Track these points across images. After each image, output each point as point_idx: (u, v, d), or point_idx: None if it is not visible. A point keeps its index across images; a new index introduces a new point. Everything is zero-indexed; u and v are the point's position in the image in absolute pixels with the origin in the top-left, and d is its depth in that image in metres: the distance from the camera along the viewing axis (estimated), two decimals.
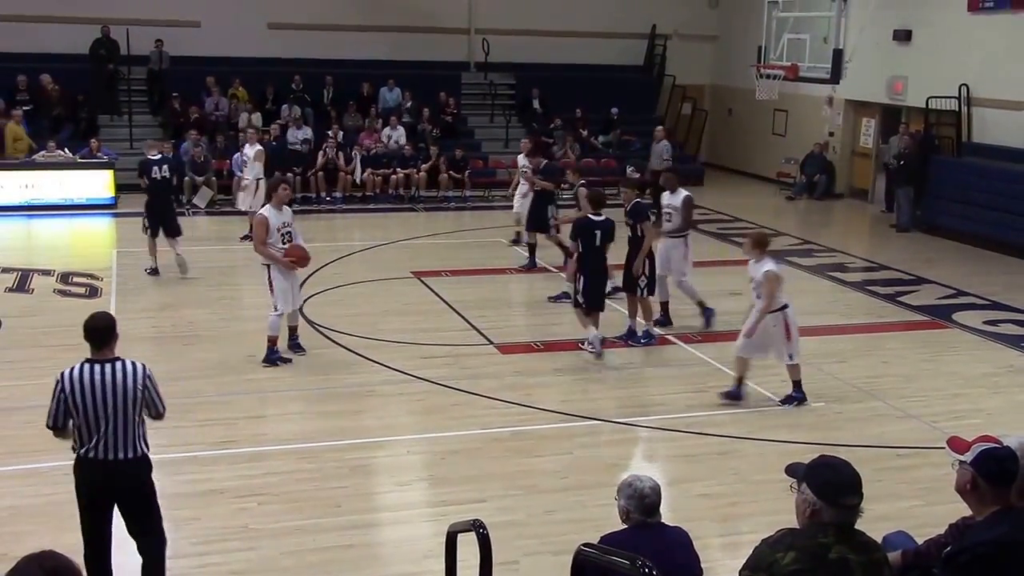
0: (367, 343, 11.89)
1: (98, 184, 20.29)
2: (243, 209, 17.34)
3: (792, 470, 4.10)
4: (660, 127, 22.04)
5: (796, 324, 10.28)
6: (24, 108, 21.86)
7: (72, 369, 6.00)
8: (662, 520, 4.95)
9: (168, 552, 6.91)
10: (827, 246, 18.48)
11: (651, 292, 12.26)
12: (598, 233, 11.57)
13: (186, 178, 20.62)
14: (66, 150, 20.59)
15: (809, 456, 4.19)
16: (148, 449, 6.20)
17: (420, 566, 7.09)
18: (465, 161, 22.64)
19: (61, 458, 6.86)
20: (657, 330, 12.47)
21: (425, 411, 10.03)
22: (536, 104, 25.55)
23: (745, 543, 4.45)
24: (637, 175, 15.26)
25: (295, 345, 11.51)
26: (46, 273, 14.79)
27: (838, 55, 20.48)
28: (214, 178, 21.18)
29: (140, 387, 6.04)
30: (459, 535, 5.52)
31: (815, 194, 23.76)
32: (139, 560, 6.36)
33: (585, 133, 24.96)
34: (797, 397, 10.36)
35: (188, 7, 23.63)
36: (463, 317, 13.09)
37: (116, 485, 6.09)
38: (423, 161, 22.43)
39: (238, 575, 6.98)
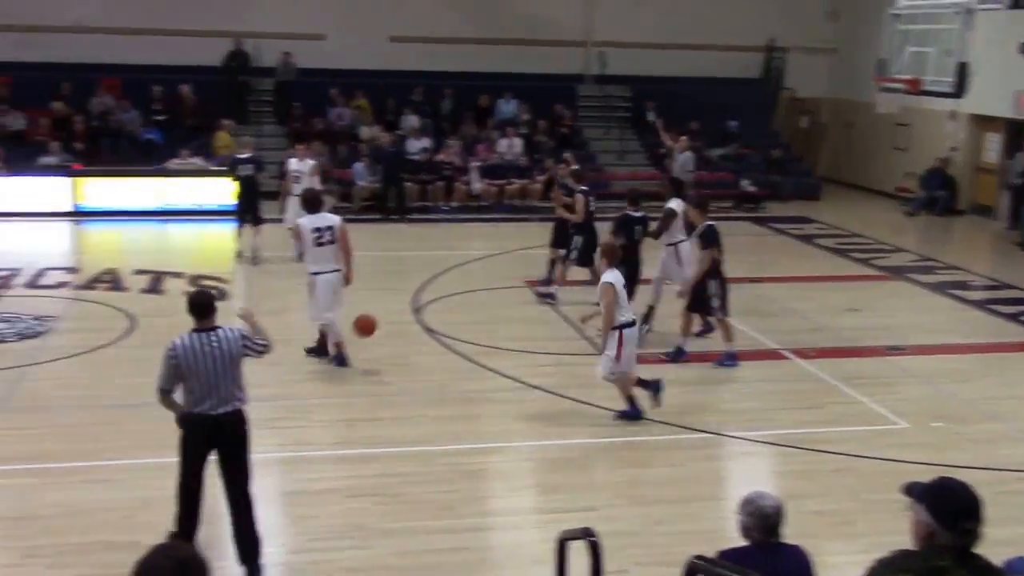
0: (482, 350, 12.07)
1: (226, 191, 20.96)
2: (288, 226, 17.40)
3: (909, 490, 3.96)
4: (684, 137, 21.28)
5: (631, 344, 9.94)
6: (157, 118, 22.82)
7: (182, 339, 6.84)
8: (782, 539, 4.88)
9: (285, 547, 7.21)
10: (948, 263, 18.04)
11: (724, 313, 11.92)
12: (637, 228, 12.57)
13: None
14: (198, 158, 21.36)
15: (927, 477, 4.11)
16: (245, 403, 7.03)
17: (529, 572, 7.19)
18: (580, 173, 22.68)
19: None
20: (730, 347, 12.03)
21: (537, 418, 10.13)
22: (651, 116, 25.49)
23: (858, 563, 4.40)
24: (753, 189, 15.14)
25: (316, 351, 11.60)
26: (177, 275, 15.37)
27: (962, 68, 19.97)
28: (336, 186, 21.70)
29: (239, 348, 6.92)
30: (570, 542, 5.59)
31: (936, 210, 23.18)
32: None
33: (699, 145, 24.80)
34: (631, 413, 10.06)
35: (315, 21, 24.29)
36: (575, 327, 13.17)
37: (220, 436, 6.90)
38: (538, 172, 22.59)
39: (351, 572, 7.16)
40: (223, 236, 18.37)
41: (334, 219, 11.35)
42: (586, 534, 5.27)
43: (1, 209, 19.68)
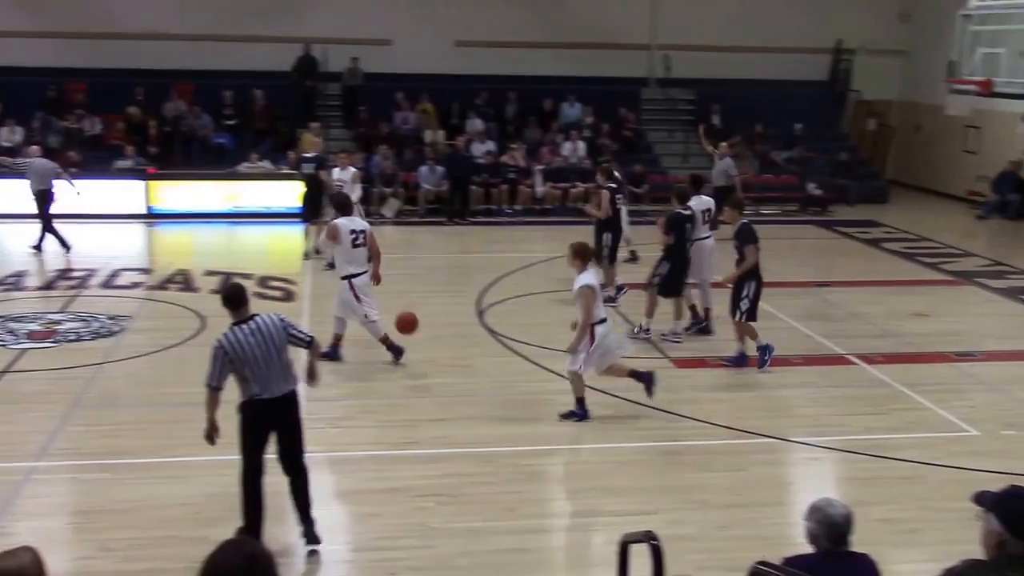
0: (544, 352, 12.11)
1: (295, 194, 21.26)
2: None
3: (979, 499, 3.93)
4: (724, 143, 20.99)
5: (602, 341, 9.91)
6: (229, 123, 23.24)
7: (226, 334, 7.13)
8: (851, 548, 4.77)
9: (350, 545, 7.32)
10: (1020, 268, 17.70)
11: (751, 318, 11.80)
12: (688, 226, 12.61)
13: (375, 189, 21.42)
14: (267, 161, 21.72)
15: (997, 485, 4.05)
16: (296, 384, 7.32)
17: (590, 574, 7.23)
18: (644, 176, 22.72)
19: None
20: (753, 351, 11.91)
21: (599, 421, 10.15)
22: (716, 120, 25.38)
23: (925, 572, 4.38)
24: (819, 192, 15.03)
25: (394, 350, 11.67)
26: (246, 277, 15.61)
27: None
28: (401, 189, 21.93)
29: (281, 331, 7.19)
30: (631, 545, 5.61)
31: (1007, 214, 22.77)
32: None
33: (764, 148, 24.65)
34: (578, 414, 10.05)
35: (381, 27, 24.54)
36: (641, 329, 13.15)
37: (278, 417, 7.24)
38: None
39: (414, 571, 7.26)
40: (291, 238, 18.64)
41: (365, 223, 11.85)
42: (648, 537, 5.26)
43: (78, 211, 20.14)
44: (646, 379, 10.28)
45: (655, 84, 26.33)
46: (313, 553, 7.36)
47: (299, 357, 7.66)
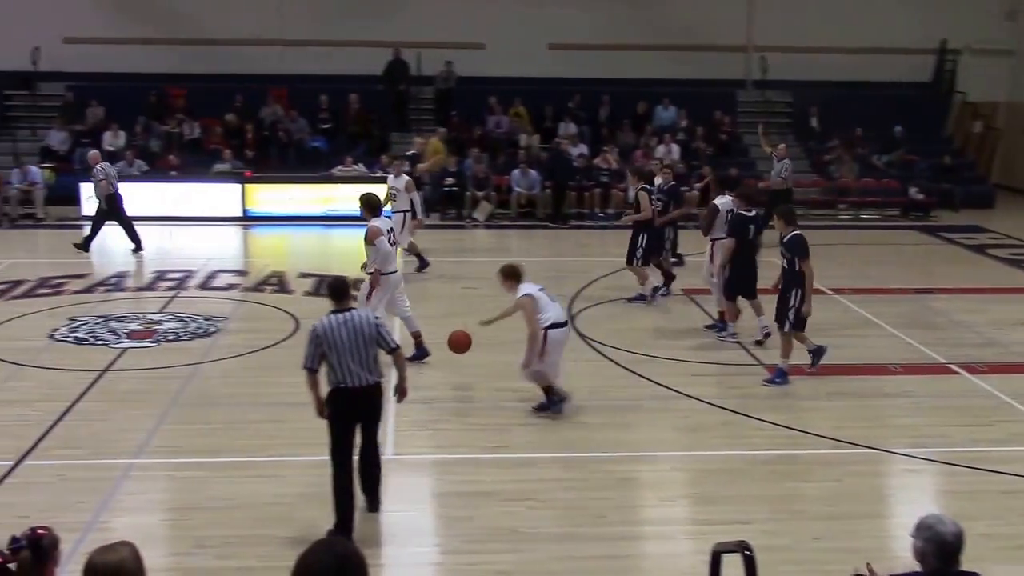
0: (636, 358, 12.01)
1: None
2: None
3: None
4: (782, 145, 20.55)
5: (557, 346, 10.00)
6: (324, 127, 23.59)
7: (322, 320, 7.62)
8: (960, 567, 4.61)
9: (439, 548, 7.32)
10: None
11: (798, 327, 11.28)
12: (751, 227, 12.60)
13: (467, 193, 21.51)
14: (360, 165, 21.97)
15: None
16: (381, 377, 7.70)
17: None
18: (739, 180, 22.34)
19: None
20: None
21: (691, 428, 10.02)
22: (814, 122, 24.95)
23: None
24: (921, 196, 14.67)
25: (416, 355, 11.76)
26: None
27: None
28: (493, 193, 21.98)
29: (372, 328, 7.60)
30: (723, 555, 5.51)
31: None
32: None
33: (865, 152, 24.13)
34: (550, 404, 10.15)
35: (474, 30, 24.66)
36: (733, 336, 12.96)
37: (362, 405, 7.65)
38: (696, 180, 22.36)
39: (504, 575, 7.23)
40: None
41: (390, 222, 12.68)
42: (741, 547, 5.18)
43: (177, 213, 20.66)
44: (554, 402, 10.16)
45: (751, 86, 26.00)
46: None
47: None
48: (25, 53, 23.69)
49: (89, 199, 20.36)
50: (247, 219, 21.23)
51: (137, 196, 21.13)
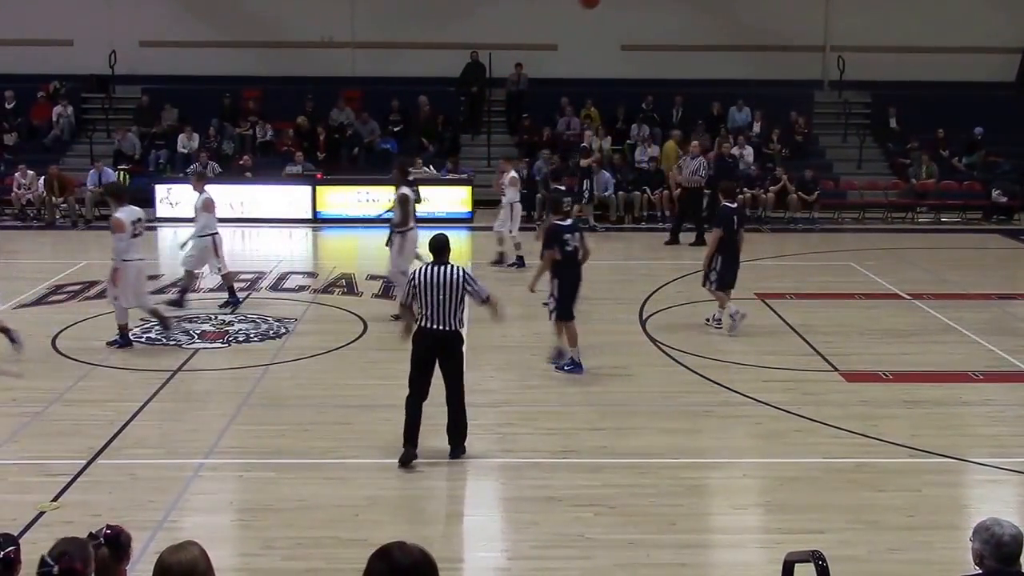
0: (708, 363, 11.83)
1: (457, 199, 21.51)
2: (499, 230, 17.40)
3: None
4: (695, 142, 20.39)
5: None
6: (395, 128, 23.69)
7: (421, 268, 8.92)
8: (1021, 570, 4.59)
9: (507, 553, 7.25)
10: None
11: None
12: (735, 218, 13.10)
13: (538, 195, 21.39)
14: (431, 167, 22.00)
15: None
16: (462, 327, 8.93)
17: None
18: (815, 182, 22.01)
19: None
20: None
21: (764, 435, 9.83)
22: (893, 123, 24.46)
23: None
24: (1004, 199, 14.29)
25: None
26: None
27: None
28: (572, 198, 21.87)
29: (461, 281, 8.77)
30: (796, 565, 5.37)
31: None
32: None
33: (946, 154, 23.59)
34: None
35: (547, 31, 24.60)
36: (807, 342, 12.73)
37: (439, 349, 8.75)
38: (770, 182, 22.04)
39: None
40: (455, 242, 18.76)
41: None
42: (814, 557, 5.08)
43: (249, 215, 20.88)
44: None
45: (828, 87, 25.57)
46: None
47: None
48: (102, 57, 24.17)
49: (162, 201, 20.82)
50: (317, 221, 21.39)
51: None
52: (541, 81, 24.55)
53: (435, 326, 8.67)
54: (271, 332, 13.13)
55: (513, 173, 17.43)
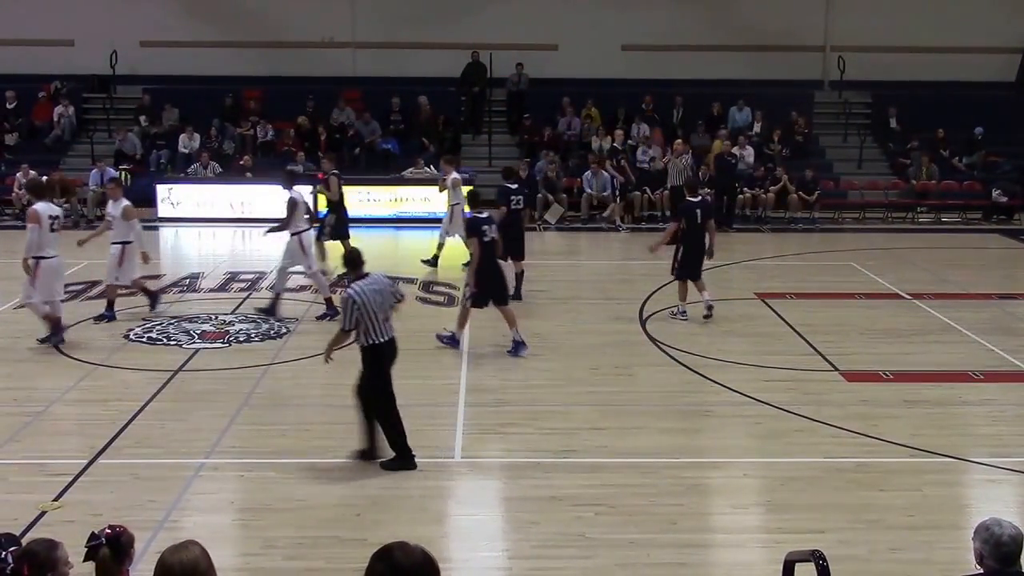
0: (708, 363, 11.84)
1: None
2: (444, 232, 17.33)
3: None
4: (679, 141, 20.75)
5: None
6: (395, 128, 23.70)
7: (354, 288, 8.64)
8: (1021, 570, 4.61)
9: (507, 552, 7.25)
10: None
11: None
12: (698, 212, 13.51)
13: (539, 195, 21.42)
14: (431, 167, 22.00)
15: None
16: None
17: None
18: (815, 182, 22.02)
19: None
20: None
21: (764, 435, 9.83)
22: (893, 123, 24.46)
23: None
24: (1005, 199, 14.30)
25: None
26: (410, 281, 15.85)
27: None
28: (564, 195, 21.88)
29: (388, 284, 8.90)
30: (797, 564, 5.38)
31: None
32: None
33: (946, 154, 23.59)
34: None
35: (548, 31, 24.62)
36: (807, 341, 12.74)
37: (391, 356, 8.87)
38: (771, 182, 22.05)
39: None
40: (454, 244, 18.76)
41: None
42: (815, 556, 5.09)
43: (249, 215, 20.87)
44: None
45: (829, 87, 25.58)
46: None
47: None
48: (103, 57, 24.18)
49: (164, 201, 20.81)
50: (318, 221, 21.33)
51: (211, 198, 21.51)
52: (542, 81, 24.56)
53: (383, 338, 8.74)
54: (272, 332, 13.14)
55: (455, 175, 17.27)
